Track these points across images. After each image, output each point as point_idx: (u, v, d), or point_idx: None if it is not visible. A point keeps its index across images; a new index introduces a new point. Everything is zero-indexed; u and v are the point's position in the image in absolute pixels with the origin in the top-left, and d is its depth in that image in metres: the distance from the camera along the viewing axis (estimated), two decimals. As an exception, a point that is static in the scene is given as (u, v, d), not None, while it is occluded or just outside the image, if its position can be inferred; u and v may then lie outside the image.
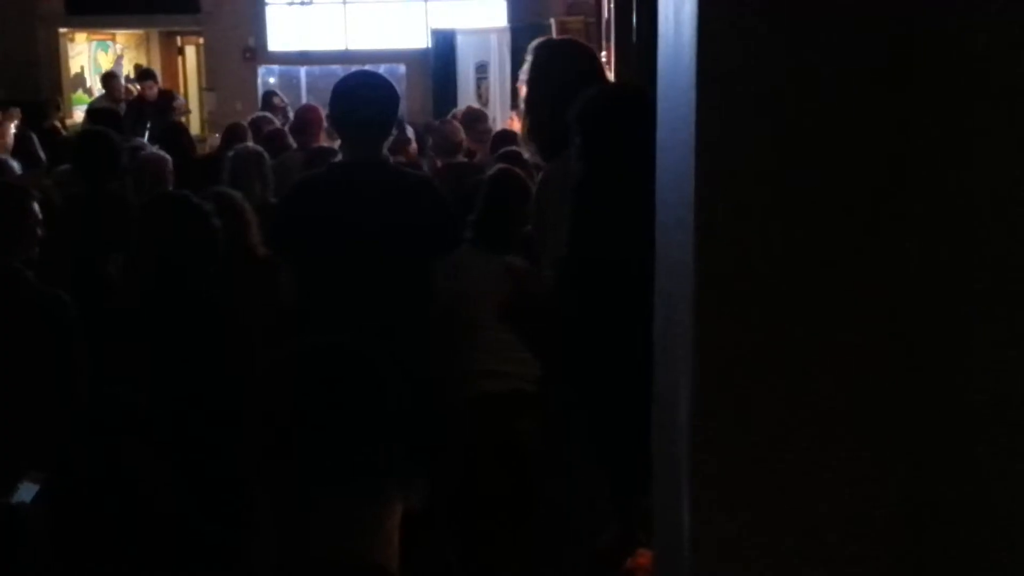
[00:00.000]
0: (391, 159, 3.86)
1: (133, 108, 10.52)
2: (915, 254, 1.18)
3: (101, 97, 11.99)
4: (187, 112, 13.15)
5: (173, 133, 7.64)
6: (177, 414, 3.44)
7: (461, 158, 6.76)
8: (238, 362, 3.56)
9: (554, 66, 3.35)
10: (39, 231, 3.59)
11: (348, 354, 3.24)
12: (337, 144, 6.60)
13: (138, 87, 11.10)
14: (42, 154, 7.27)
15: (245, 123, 7.94)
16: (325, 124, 6.86)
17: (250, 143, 6.52)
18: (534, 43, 3.51)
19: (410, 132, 8.32)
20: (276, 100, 10.51)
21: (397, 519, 3.48)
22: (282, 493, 3.44)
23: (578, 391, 3.43)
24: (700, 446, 1.23)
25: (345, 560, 3.37)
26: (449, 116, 9.58)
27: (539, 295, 3.29)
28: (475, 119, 7.67)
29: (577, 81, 3.24)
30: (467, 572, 3.83)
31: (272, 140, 6.95)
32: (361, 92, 3.56)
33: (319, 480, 3.32)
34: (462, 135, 6.93)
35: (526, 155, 4.62)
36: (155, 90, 10.84)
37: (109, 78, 11.88)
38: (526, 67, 3.42)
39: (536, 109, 3.33)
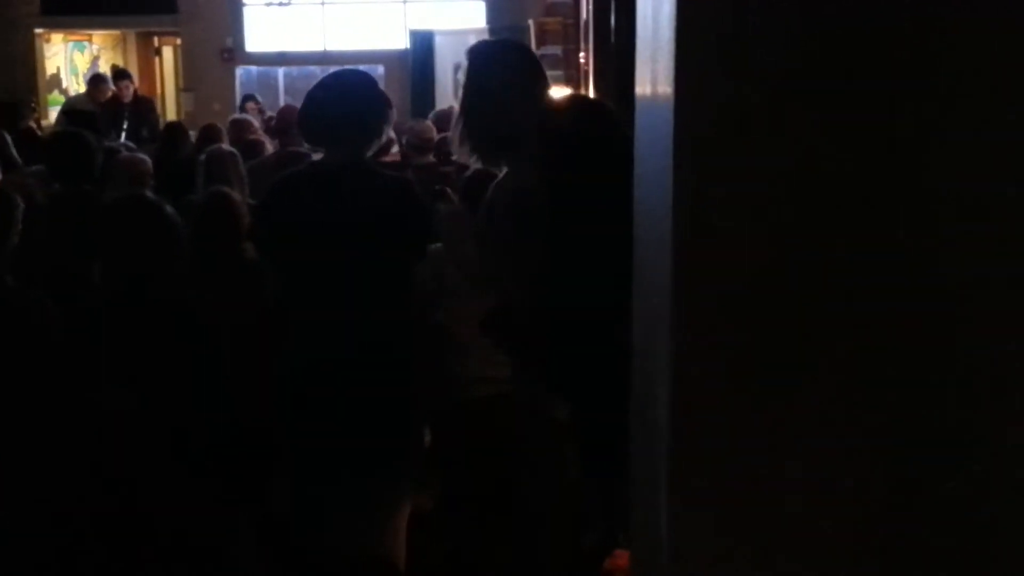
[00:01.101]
0: (374, 160, 3.84)
1: (109, 110, 10.44)
2: (908, 259, 1.18)
3: (81, 97, 11.83)
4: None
5: (173, 132, 7.58)
6: (153, 418, 3.42)
7: (431, 157, 6.76)
8: (212, 364, 3.54)
9: (488, 70, 3.35)
10: (16, 239, 3.57)
11: (361, 357, 3.24)
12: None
13: (113, 87, 11.00)
14: (16, 156, 7.19)
15: (220, 125, 7.88)
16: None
17: (224, 144, 6.47)
18: (470, 46, 3.52)
19: (391, 134, 8.27)
20: (250, 105, 10.48)
21: (406, 517, 3.49)
22: (299, 492, 3.45)
23: (560, 395, 3.44)
24: (678, 450, 1.23)
25: (357, 556, 3.38)
26: (431, 115, 9.56)
27: (518, 307, 3.30)
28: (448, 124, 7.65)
29: (512, 85, 3.24)
30: (455, 571, 3.83)
31: (252, 147, 6.90)
32: (339, 90, 3.54)
33: (336, 481, 3.33)
34: (433, 133, 6.92)
35: (455, 156, 4.62)
36: (131, 90, 10.76)
37: (98, 81, 11.73)
38: (463, 70, 3.43)
39: (471, 113, 3.32)
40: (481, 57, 3.37)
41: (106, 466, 3.37)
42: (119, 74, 11.47)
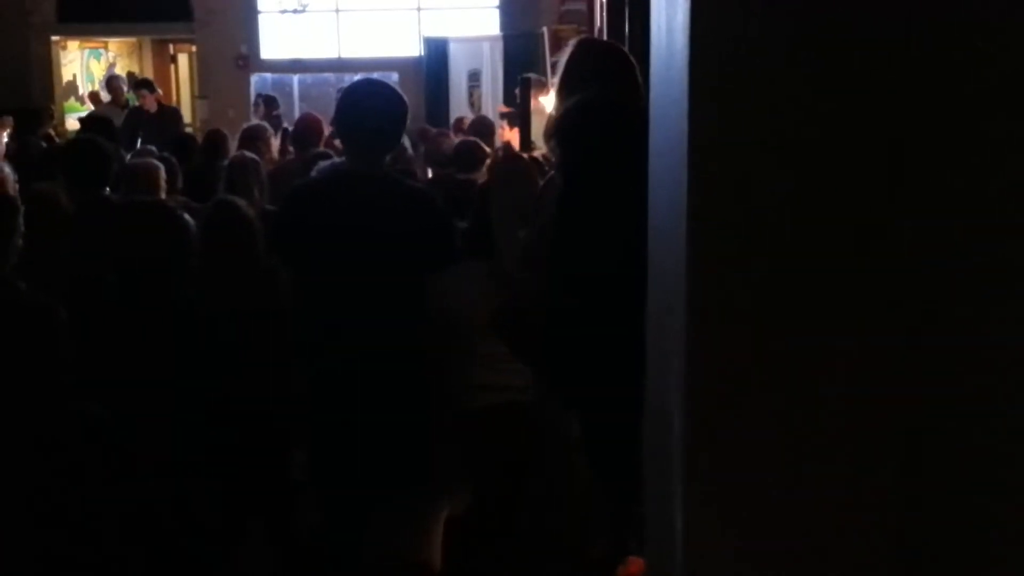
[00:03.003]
0: (392, 168, 3.86)
1: (130, 120, 10.46)
2: (912, 256, 1.18)
3: (107, 104, 11.84)
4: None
5: (184, 143, 7.52)
6: (152, 425, 3.43)
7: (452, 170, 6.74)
8: (218, 368, 3.54)
9: (580, 66, 3.41)
10: (20, 241, 3.58)
11: (380, 365, 3.24)
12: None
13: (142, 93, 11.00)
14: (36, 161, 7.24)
15: (235, 131, 7.84)
16: (327, 133, 6.82)
17: (246, 151, 6.46)
18: (572, 40, 3.61)
19: (405, 141, 8.27)
20: (258, 102, 10.48)
21: (441, 524, 3.49)
22: (332, 503, 3.45)
23: (570, 401, 3.44)
24: (693, 454, 1.23)
25: (395, 561, 3.38)
26: (453, 124, 9.53)
27: (526, 303, 3.31)
28: (484, 131, 7.63)
29: (598, 82, 3.28)
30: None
31: (245, 142, 6.83)
32: (368, 102, 3.53)
33: (369, 491, 3.33)
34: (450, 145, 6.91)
35: (536, 153, 4.66)
36: (151, 100, 10.74)
37: (112, 80, 11.72)
38: (560, 64, 3.51)
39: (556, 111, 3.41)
40: (575, 54, 3.45)
41: (106, 469, 3.38)
42: (139, 84, 11.47)
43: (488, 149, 6.75)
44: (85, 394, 3.40)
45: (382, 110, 3.48)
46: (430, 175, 6.64)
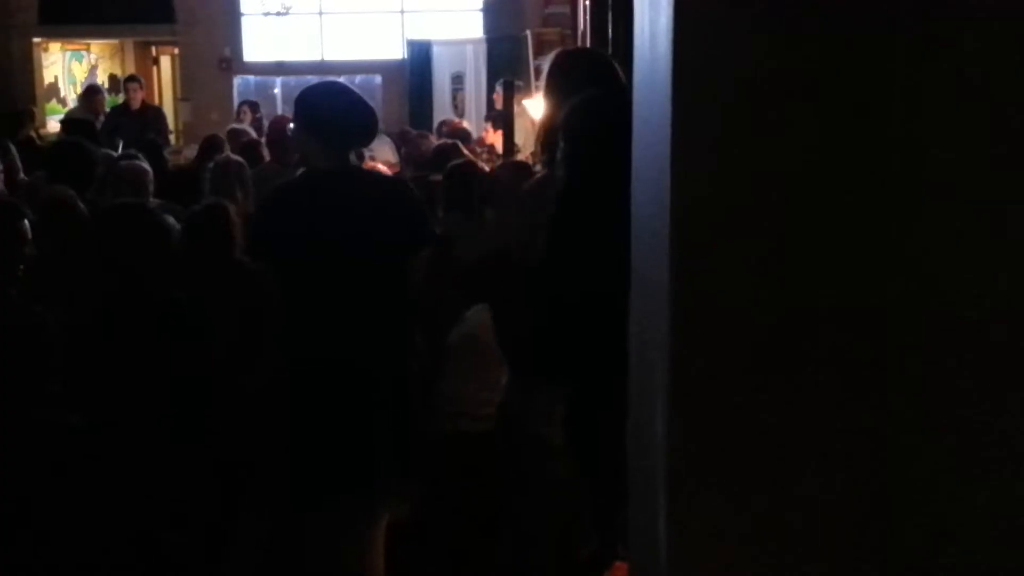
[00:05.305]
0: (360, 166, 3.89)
1: (112, 118, 10.41)
2: (904, 263, 1.19)
3: (78, 108, 11.78)
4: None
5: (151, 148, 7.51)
6: (137, 427, 3.42)
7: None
8: (204, 369, 3.54)
9: (570, 71, 3.43)
10: (26, 250, 3.57)
11: (341, 371, 3.25)
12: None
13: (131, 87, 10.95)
14: (19, 165, 7.21)
15: (219, 134, 7.86)
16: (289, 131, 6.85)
17: (230, 153, 6.47)
18: (554, 52, 3.63)
19: (387, 141, 8.30)
20: (243, 109, 10.48)
21: (383, 530, 3.48)
22: (277, 509, 3.44)
23: (558, 402, 3.43)
24: (676, 459, 1.23)
25: (335, 571, 3.37)
26: (437, 127, 9.58)
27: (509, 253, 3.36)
28: (462, 139, 7.69)
29: (589, 86, 3.30)
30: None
31: (248, 150, 6.88)
32: (329, 100, 3.56)
33: (314, 497, 3.32)
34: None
35: (522, 156, 4.71)
36: (139, 95, 10.70)
37: (94, 93, 11.67)
38: (543, 74, 3.53)
39: (546, 117, 3.43)
40: (557, 62, 3.48)
41: (84, 476, 3.37)
42: (128, 78, 11.44)
43: (466, 152, 6.79)
44: (72, 401, 3.39)
45: (344, 109, 3.52)
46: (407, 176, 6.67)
